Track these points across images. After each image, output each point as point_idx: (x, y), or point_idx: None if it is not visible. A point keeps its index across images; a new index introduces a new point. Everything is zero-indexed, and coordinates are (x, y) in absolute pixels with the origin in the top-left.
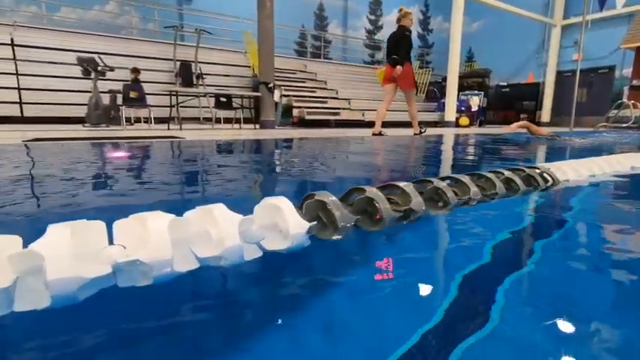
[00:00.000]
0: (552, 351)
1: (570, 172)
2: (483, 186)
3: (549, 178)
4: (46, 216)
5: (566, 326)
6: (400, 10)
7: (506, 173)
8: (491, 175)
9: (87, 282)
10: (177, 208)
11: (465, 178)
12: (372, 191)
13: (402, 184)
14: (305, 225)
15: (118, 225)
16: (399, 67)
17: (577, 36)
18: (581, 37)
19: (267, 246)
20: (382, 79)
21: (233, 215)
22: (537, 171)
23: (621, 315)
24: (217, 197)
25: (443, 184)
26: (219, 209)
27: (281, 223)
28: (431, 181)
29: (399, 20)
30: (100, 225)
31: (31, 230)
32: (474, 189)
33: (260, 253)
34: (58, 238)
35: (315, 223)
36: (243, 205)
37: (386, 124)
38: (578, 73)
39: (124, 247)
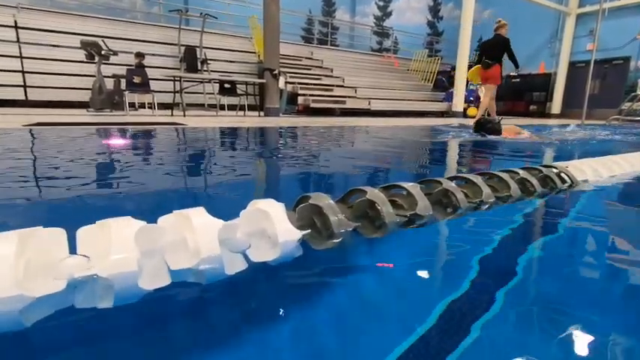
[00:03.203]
0: None
1: (589, 171)
2: (496, 187)
3: (567, 179)
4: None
5: None
6: (499, 21)
7: (521, 173)
8: (504, 176)
9: (34, 302)
10: (162, 205)
11: (477, 179)
12: (373, 193)
13: (407, 185)
14: (296, 234)
15: (81, 233)
16: (494, 71)
17: (592, 25)
18: (597, 26)
19: (252, 256)
20: (478, 78)
21: (214, 221)
22: (555, 171)
23: None
24: (208, 193)
25: (452, 185)
26: (198, 214)
27: (269, 230)
28: (439, 182)
29: (496, 29)
30: (58, 233)
31: None
32: (486, 191)
33: (245, 266)
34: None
35: (308, 231)
36: (234, 204)
37: (391, 114)
38: (592, 64)
39: (88, 258)
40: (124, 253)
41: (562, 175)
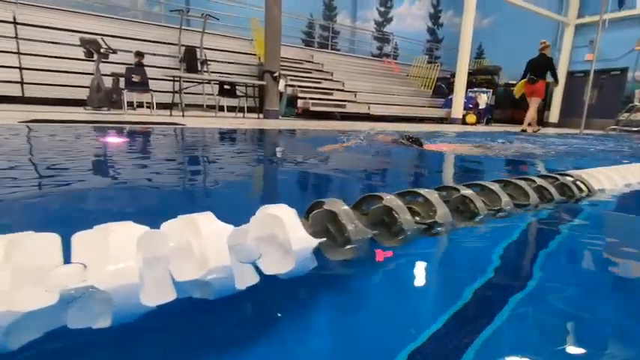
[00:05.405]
0: None
1: (605, 180)
2: (513, 194)
3: (584, 187)
4: None
5: None
6: (543, 42)
7: (538, 181)
8: (522, 183)
9: (21, 318)
10: (159, 212)
11: (495, 186)
12: (390, 200)
13: (424, 191)
14: (312, 242)
15: (77, 239)
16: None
17: (591, 36)
18: (597, 37)
19: (264, 268)
20: (523, 92)
21: (224, 227)
22: (570, 179)
23: None
24: (205, 196)
25: (470, 193)
26: (206, 218)
27: (282, 238)
28: (457, 189)
29: (541, 49)
30: (52, 239)
31: None
32: (505, 199)
33: (257, 279)
34: None
35: (323, 239)
36: (235, 211)
37: (391, 119)
38: (591, 74)
39: (85, 267)
40: (124, 263)
41: (578, 183)
